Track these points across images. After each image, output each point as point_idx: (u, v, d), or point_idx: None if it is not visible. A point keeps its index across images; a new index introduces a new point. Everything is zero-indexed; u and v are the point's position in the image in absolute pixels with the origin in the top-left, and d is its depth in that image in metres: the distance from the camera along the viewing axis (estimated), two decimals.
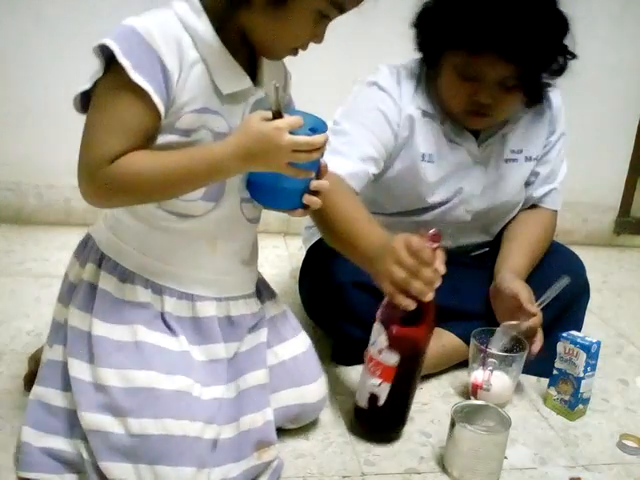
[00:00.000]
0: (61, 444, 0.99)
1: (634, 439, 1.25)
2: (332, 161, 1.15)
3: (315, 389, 1.15)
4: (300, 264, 1.55)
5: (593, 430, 1.29)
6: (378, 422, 1.17)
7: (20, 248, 1.87)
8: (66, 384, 1.00)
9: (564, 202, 1.55)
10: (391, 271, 1.04)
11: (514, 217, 1.51)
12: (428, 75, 1.35)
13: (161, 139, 0.92)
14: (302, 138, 0.89)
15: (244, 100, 0.98)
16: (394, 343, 1.09)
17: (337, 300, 1.34)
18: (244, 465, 1.01)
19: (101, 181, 0.89)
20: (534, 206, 1.51)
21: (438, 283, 1.04)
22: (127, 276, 1.01)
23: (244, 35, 0.96)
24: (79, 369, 0.98)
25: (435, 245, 1.05)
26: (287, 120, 0.89)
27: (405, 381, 1.13)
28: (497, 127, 1.38)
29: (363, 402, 1.16)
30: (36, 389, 1.03)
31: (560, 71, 1.30)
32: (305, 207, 1.01)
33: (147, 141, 0.91)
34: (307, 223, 1.62)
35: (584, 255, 1.53)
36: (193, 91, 0.92)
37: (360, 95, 1.36)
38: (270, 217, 1.23)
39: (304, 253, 1.56)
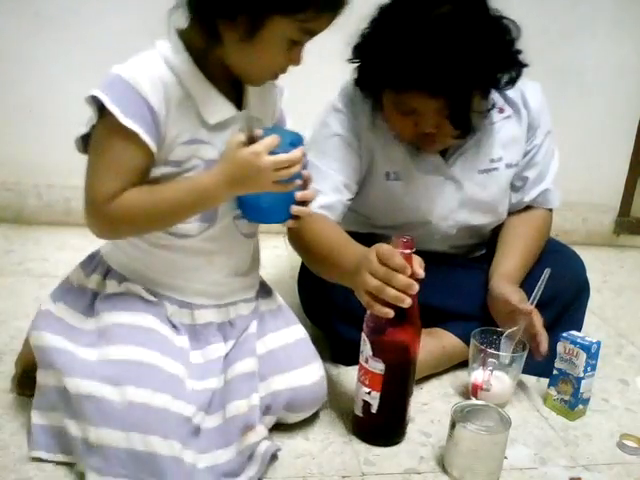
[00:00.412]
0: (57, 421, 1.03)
1: (634, 439, 1.24)
2: None
3: (306, 372, 1.15)
4: (300, 264, 1.55)
5: (593, 430, 1.29)
6: (375, 429, 1.17)
7: (20, 248, 1.87)
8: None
9: (564, 202, 1.54)
10: (365, 281, 1.04)
11: (507, 220, 1.49)
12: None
13: (156, 171, 1.00)
14: (281, 157, 0.96)
15: (231, 126, 1.04)
16: (378, 351, 1.10)
17: (335, 301, 1.34)
18: (233, 451, 1.03)
19: (104, 218, 0.98)
20: (528, 207, 1.50)
21: (415, 288, 1.03)
22: (130, 282, 1.08)
23: (226, 65, 1.01)
24: (79, 350, 1.03)
25: (408, 251, 1.06)
26: (263, 143, 0.95)
27: (395, 388, 1.13)
28: (462, 141, 1.34)
29: (358, 410, 1.16)
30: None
31: (511, 82, 1.27)
32: (295, 217, 1.05)
33: (143, 176, 0.99)
34: None
35: (584, 255, 1.53)
36: (181, 125, 0.99)
37: (320, 122, 1.36)
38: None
39: None
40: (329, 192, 1.30)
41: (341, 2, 0.97)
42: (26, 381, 1.16)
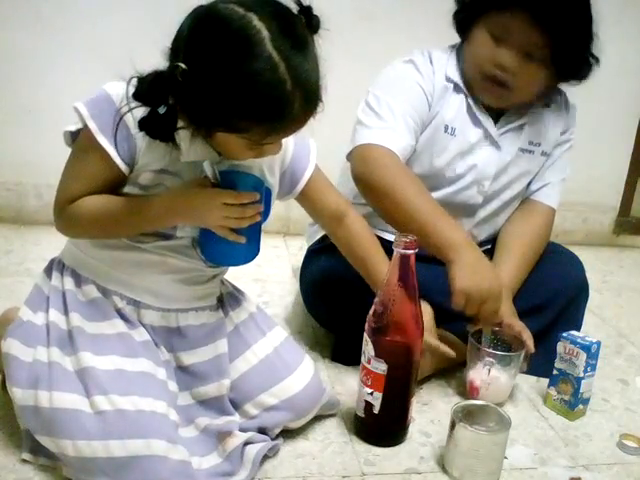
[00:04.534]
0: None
1: (634, 439, 1.24)
2: (383, 135, 1.29)
3: (295, 378, 1.13)
4: (300, 264, 1.55)
5: (593, 430, 1.29)
6: (377, 430, 1.17)
7: (20, 248, 1.87)
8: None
9: (564, 202, 1.54)
10: (473, 304, 1.21)
11: (509, 217, 1.51)
12: (458, 51, 1.40)
13: (122, 190, 1.02)
14: (235, 209, 0.97)
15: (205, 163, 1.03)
16: (380, 352, 1.10)
17: (338, 297, 1.34)
18: (216, 457, 1.04)
19: (63, 217, 1.04)
20: (527, 203, 1.51)
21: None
22: (82, 281, 1.09)
23: None
24: (55, 356, 1.02)
25: (410, 252, 1.07)
26: (224, 192, 0.97)
27: (398, 389, 1.13)
28: (516, 116, 1.41)
29: (360, 411, 1.16)
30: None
31: (588, 68, 1.34)
32: None
33: (110, 188, 1.01)
34: (310, 220, 1.62)
35: (584, 255, 1.53)
36: (155, 154, 0.99)
37: (397, 71, 1.39)
38: (270, 217, 1.24)
39: (305, 251, 1.56)
40: (405, 133, 1.33)
41: (290, 122, 0.91)
42: None
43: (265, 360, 1.14)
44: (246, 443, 1.06)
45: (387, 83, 1.38)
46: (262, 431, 1.10)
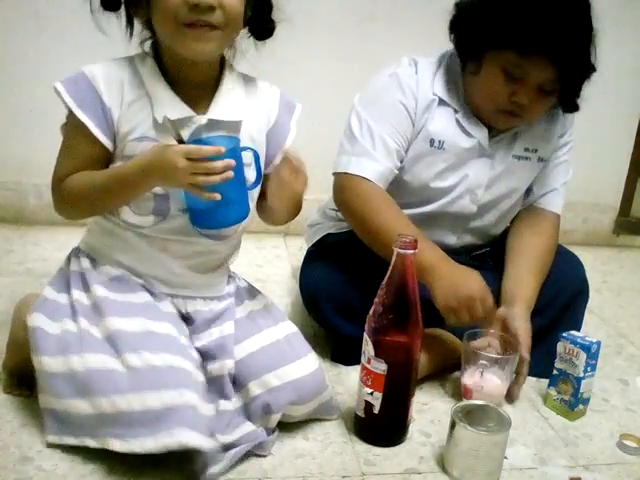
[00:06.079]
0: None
1: (634, 439, 1.24)
2: (360, 163, 1.32)
3: (301, 364, 1.14)
4: (300, 264, 1.55)
5: (593, 430, 1.29)
6: (377, 430, 1.17)
7: (20, 248, 1.87)
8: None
9: (564, 202, 1.54)
10: (461, 314, 1.23)
11: (516, 226, 1.50)
12: (448, 66, 1.38)
13: (112, 167, 1.07)
14: (200, 164, 0.96)
15: (185, 127, 1.05)
16: (380, 352, 1.11)
17: (337, 298, 1.34)
18: None
19: (56, 196, 1.10)
20: (534, 211, 1.50)
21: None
22: (100, 265, 1.14)
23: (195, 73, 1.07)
24: (84, 325, 1.06)
25: (411, 252, 1.07)
26: (185, 147, 0.98)
27: (398, 389, 1.13)
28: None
29: (360, 411, 1.16)
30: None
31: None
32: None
33: (97, 165, 1.06)
34: (310, 221, 1.62)
35: (584, 255, 1.53)
36: (133, 123, 1.05)
37: (381, 86, 1.38)
38: None
39: (304, 252, 1.56)
40: (383, 159, 1.33)
41: None
42: (18, 382, 1.17)
43: (275, 343, 1.16)
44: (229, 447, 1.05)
45: (370, 101, 1.37)
46: (266, 411, 1.10)
